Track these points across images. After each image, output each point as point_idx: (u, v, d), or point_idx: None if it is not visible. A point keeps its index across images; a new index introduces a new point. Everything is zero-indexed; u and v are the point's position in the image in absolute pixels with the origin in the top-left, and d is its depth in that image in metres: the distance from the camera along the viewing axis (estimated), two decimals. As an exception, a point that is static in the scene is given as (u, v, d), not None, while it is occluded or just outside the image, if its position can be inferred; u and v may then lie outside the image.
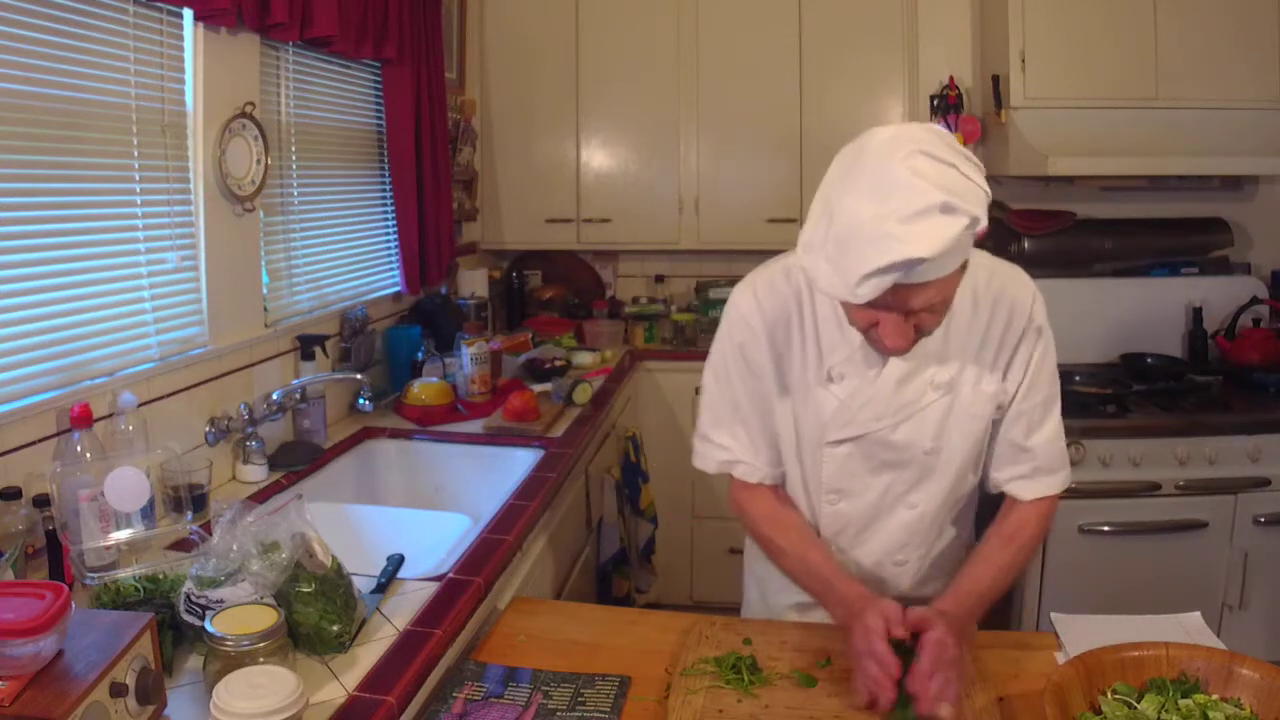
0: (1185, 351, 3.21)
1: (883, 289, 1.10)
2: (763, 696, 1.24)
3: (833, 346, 1.37)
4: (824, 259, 1.13)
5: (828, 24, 3.43)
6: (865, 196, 1.09)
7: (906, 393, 1.35)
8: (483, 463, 2.35)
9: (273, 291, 2.27)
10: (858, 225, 1.08)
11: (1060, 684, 1.08)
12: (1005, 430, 1.42)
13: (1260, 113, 3.00)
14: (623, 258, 3.96)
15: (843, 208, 1.11)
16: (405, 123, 2.76)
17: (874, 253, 1.07)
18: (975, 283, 1.35)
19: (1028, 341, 1.38)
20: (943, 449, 1.39)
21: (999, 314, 1.36)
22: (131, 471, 1.50)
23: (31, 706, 0.92)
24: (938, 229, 1.06)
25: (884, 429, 1.37)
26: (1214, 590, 2.70)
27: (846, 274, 1.10)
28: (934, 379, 1.36)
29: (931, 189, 1.07)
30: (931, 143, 1.11)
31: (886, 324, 1.18)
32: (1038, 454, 1.43)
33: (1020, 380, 1.39)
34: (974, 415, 1.38)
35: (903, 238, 1.05)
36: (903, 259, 1.06)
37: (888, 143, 1.12)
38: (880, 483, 1.42)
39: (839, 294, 1.14)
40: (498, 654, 1.39)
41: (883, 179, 1.09)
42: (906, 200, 1.06)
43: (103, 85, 1.67)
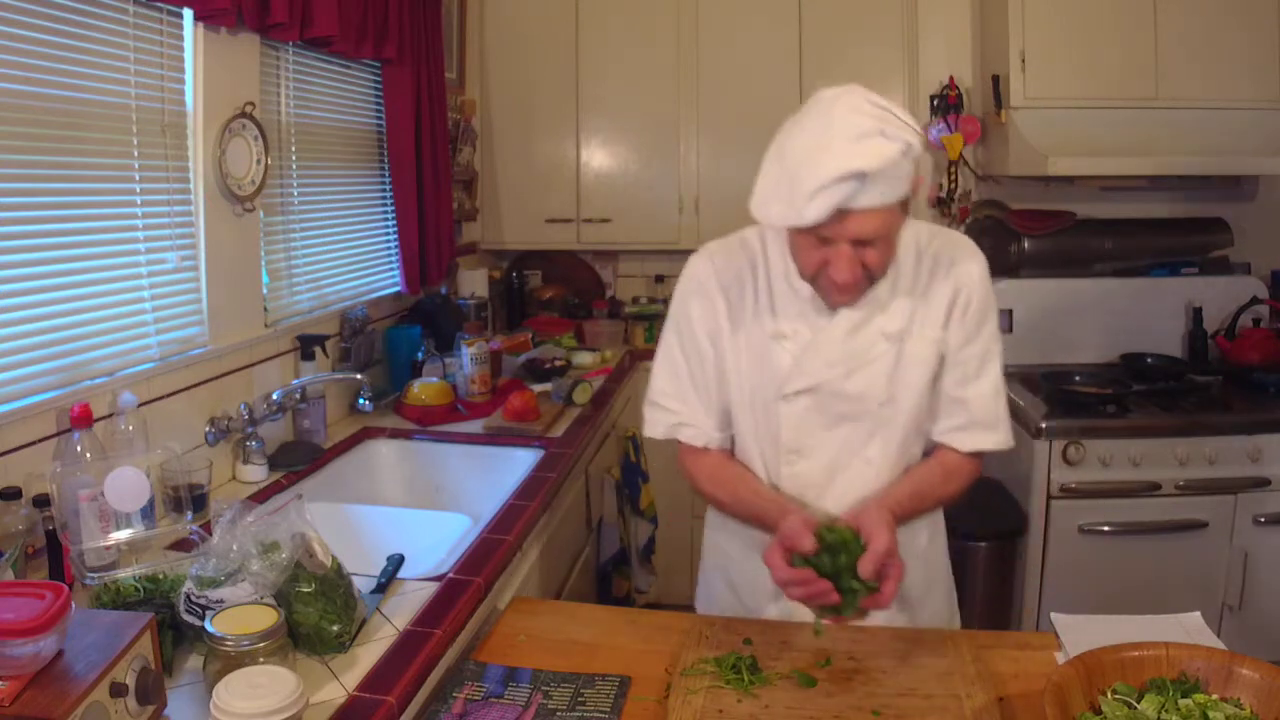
0: (1185, 351, 3.21)
1: (828, 207, 1.20)
2: (763, 696, 1.24)
3: (785, 305, 1.44)
4: (773, 195, 1.26)
5: (828, 24, 3.43)
6: (810, 132, 1.24)
7: (857, 341, 1.41)
8: (483, 463, 2.35)
9: (273, 291, 2.27)
10: (804, 153, 1.22)
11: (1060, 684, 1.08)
12: (942, 381, 1.46)
13: (1260, 113, 3.00)
14: (623, 258, 3.96)
15: (790, 147, 1.25)
16: (405, 123, 2.76)
17: (820, 170, 1.19)
18: (919, 240, 1.44)
19: (965, 293, 1.43)
20: (895, 399, 1.43)
21: (940, 267, 1.43)
22: (131, 471, 1.50)
23: (31, 706, 0.92)
24: (877, 148, 1.19)
25: (836, 377, 1.41)
26: (1214, 590, 2.69)
27: (796, 197, 1.21)
28: (883, 328, 1.41)
29: (870, 120, 1.21)
30: (868, 94, 1.25)
31: (836, 258, 1.28)
32: (973, 406, 1.46)
33: (959, 329, 1.44)
34: (920, 361, 1.43)
35: (846, 154, 1.19)
36: (847, 170, 1.18)
37: (828, 96, 1.27)
38: (836, 438, 1.44)
39: (789, 219, 1.24)
40: (498, 654, 1.39)
41: (826, 118, 1.23)
42: (848, 128, 1.20)
43: (103, 85, 1.67)
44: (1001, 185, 3.46)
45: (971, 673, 1.28)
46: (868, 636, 1.40)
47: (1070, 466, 2.67)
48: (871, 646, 1.36)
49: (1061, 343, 3.23)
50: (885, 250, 1.30)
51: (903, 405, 1.43)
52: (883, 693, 1.24)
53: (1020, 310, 3.24)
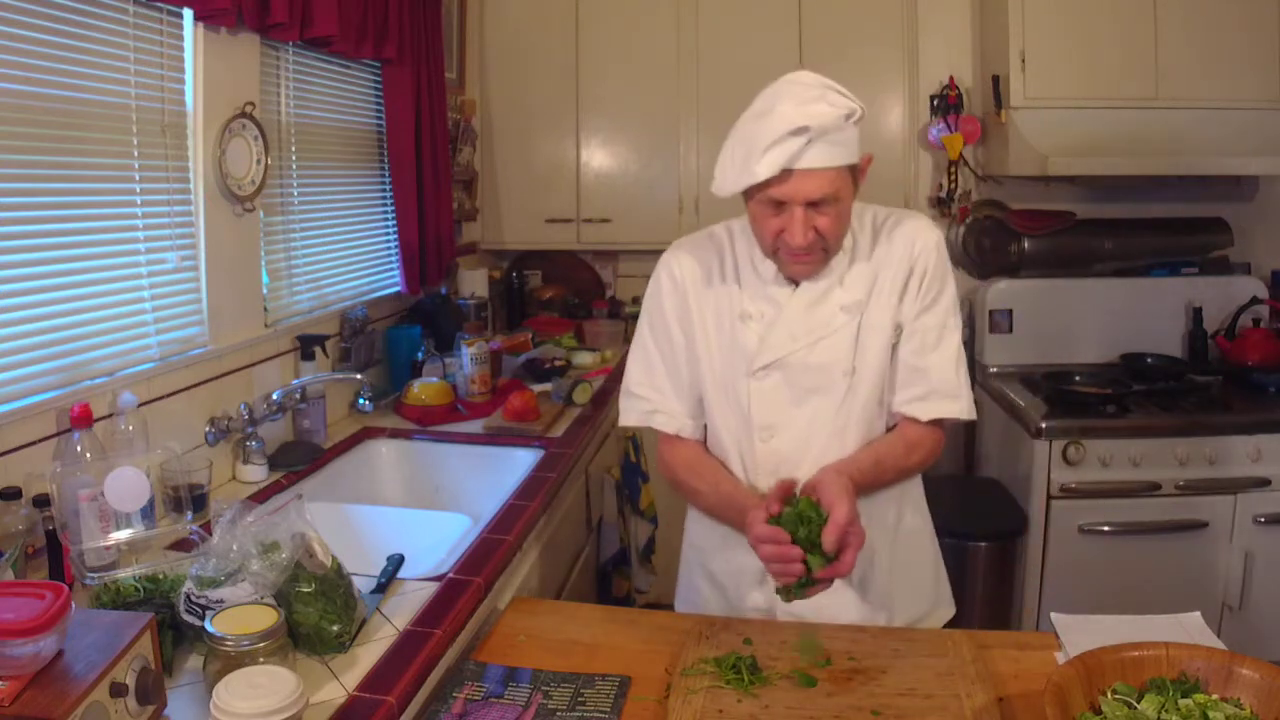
0: (1185, 351, 3.21)
1: (778, 164, 1.29)
2: (763, 696, 1.24)
3: (750, 286, 1.51)
4: (728, 166, 1.36)
5: (828, 24, 3.43)
6: (761, 103, 1.36)
7: (817, 314, 1.47)
8: (483, 463, 2.35)
9: (273, 291, 2.27)
10: (754, 122, 1.34)
11: (1060, 684, 1.08)
12: (900, 350, 1.49)
13: (1260, 113, 3.00)
14: (623, 258, 3.96)
15: (742, 123, 1.37)
16: (405, 123, 2.76)
17: (768, 129, 1.30)
18: (875, 217, 1.52)
19: (921, 264, 1.48)
20: (858, 369, 1.47)
21: (897, 242, 1.49)
22: (131, 471, 1.50)
23: (31, 706, 0.92)
24: (821, 111, 1.30)
25: (800, 350, 1.46)
26: (1214, 590, 2.70)
27: (748, 159, 1.31)
28: (841, 301, 1.47)
29: (814, 90, 1.34)
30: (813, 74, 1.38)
31: (790, 222, 1.35)
32: (932, 375, 1.48)
33: (913, 300, 1.48)
34: (877, 330, 1.47)
35: (791, 115, 1.30)
36: (793, 125, 1.28)
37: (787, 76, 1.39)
38: (806, 413, 1.48)
39: (741, 181, 1.33)
40: (498, 654, 1.39)
41: (773, 92, 1.36)
42: (793, 97, 1.33)
43: (103, 85, 1.67)
44: (1001, 185, 3.46)
45: (971, 673, 1.28)
46: (868, 636, 1.40)
47: (1070, 466, 2.67)
48: (871, 646, 1.36)
49: (1061, 343, 3.24)
50: (837, 217, 1.37)
51: (865, 375, 1.47)
52: (883, 693, 1.24)
53: (1020, 310, 3.25)
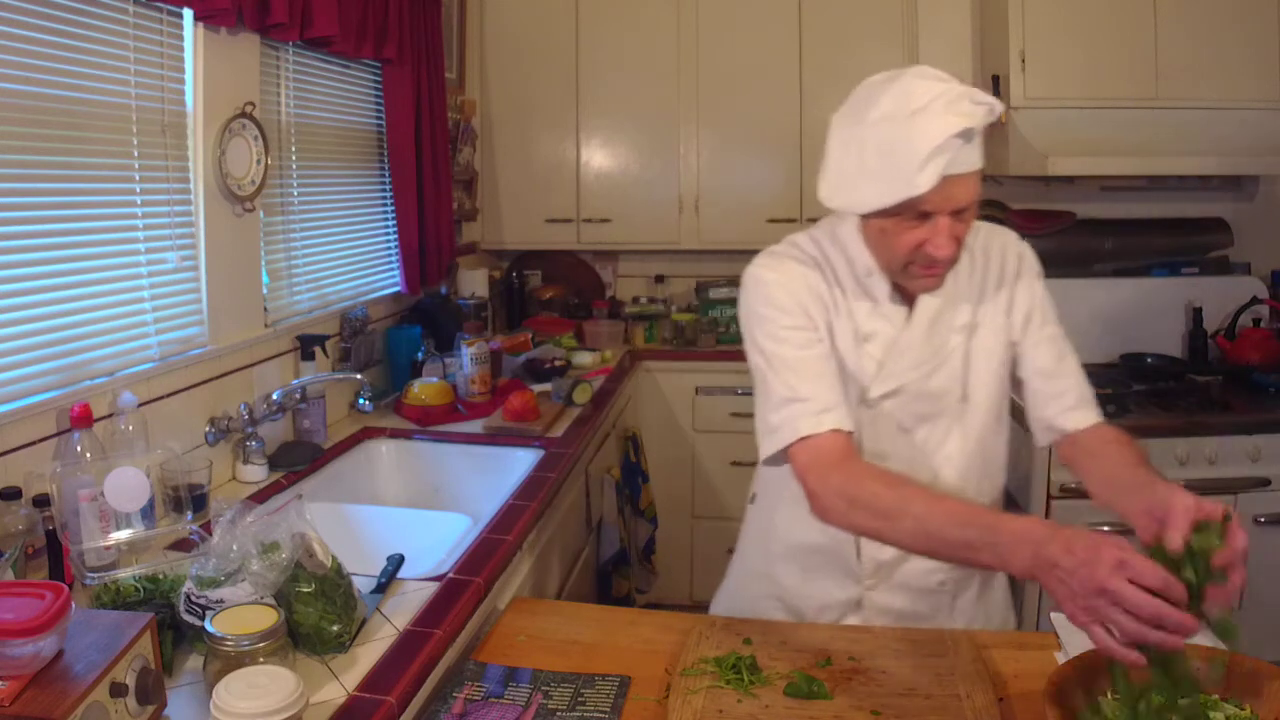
0: (1185, 351, 3.21)
1: (940, 172, 1.17)
2: (763, 696, 1.24)
3: (858, 307, 1.40)
4: (866, 181, 1.22)
5: (828, 24, 3.43)
6: (893, 105, 1.20)
7: (935, 338, 1.38)
8: (482, 463, 2.35)
9: (273, 291, 2.27)
10: (898, 125, 1.19)
11: (1060, 684, 1.08)
12: (1032, 362, 1.43)
13: (1260, 113, 3.00)
14: (623, 258, 3.96)
15: (871, 126, 1.22)
16: (405, 123, 2.76)
17: (927, 135, 1.16)
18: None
19: (1025, 277, 1.44)
20: (969, 394, 1.41)
21: (992, 257, 1.43)
22: (131, 471, 1.50)
23: (31, 706, 0.92)
24: (973, 110, 1.18)
25: (920, 377, 1.38)
26: (1214, 590, 2.69)
27: (902, 169, 1.18)
28: (954, 322, 1.39)
29: (952, 85, 1.20)
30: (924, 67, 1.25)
31: (935, 232, 1.24)
32: (1074, 383, 1.42)
33: (1027, 312, 1.43)
34: (989, 352, 1.41)
35: (948, 116, 1.17)
36: (956, 129, 1.16)
37: (887, 75, 1.25)
38: (916, 440, 1.42)
39: (899, 193, 1.19)
40: (498, 654, 1.39)
41: (903, 89, 1.21)
42: (937, 93, 1.19)
43: (103, 85, 1.67)
44: (1001, 185, 3.46)
45: (971, 673, 1.28)
46: (868, 636, 1.40)
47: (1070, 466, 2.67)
48: (871, 646, 1.36)
49: (1061, 343, 3.23)
50: (970, 220, 1.29)
51: (978, 399, 1.41)
52: (883, 693, 1.24)
53: (1020, 310, 3.24)
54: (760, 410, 1.37)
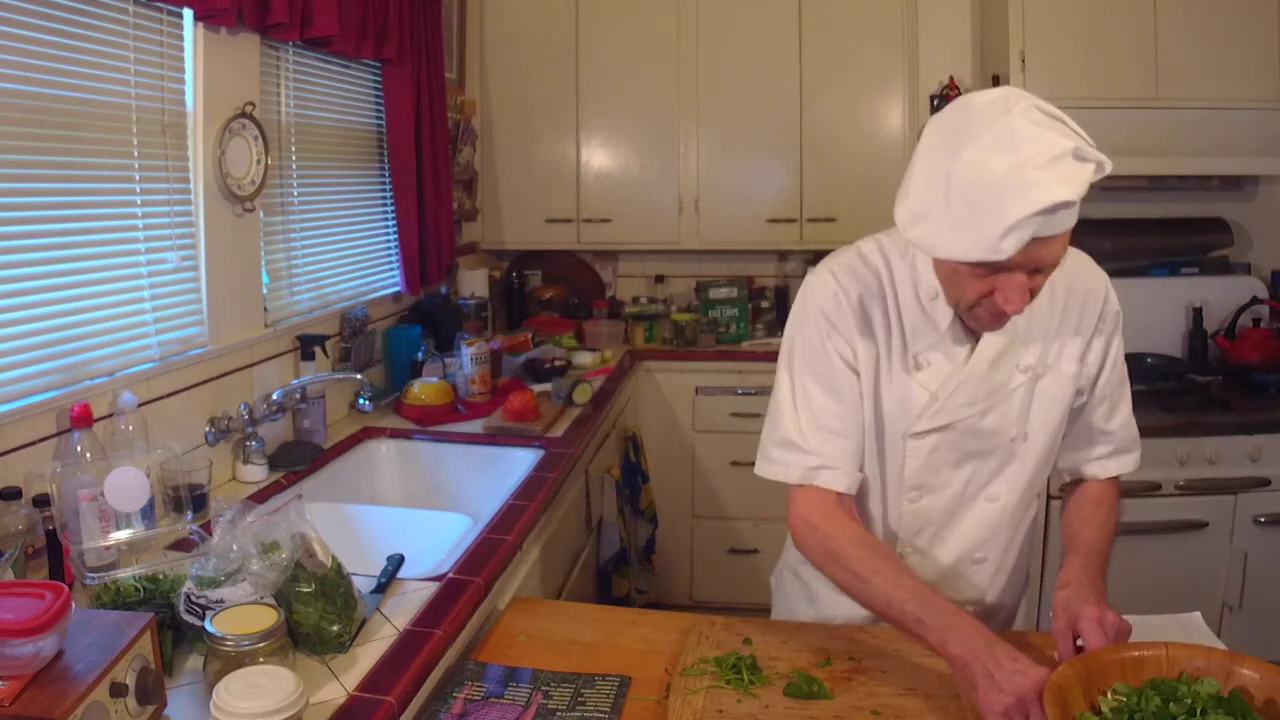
0: (1185, 351, 3.21)
1: (1027, 238, 1.07)
2: (763, 696, 1.24)
3: (917, 332, 1.33)
4: (946, 226, 1.12)
5: (827, 24, 3.43)
6: (990, 150, 1.08)
7: (996, 377, 1.32)
8: (482, 463, 2.35)
9: (273, 291, 2.27)
10: (991, 178, 1.07)
11: (1060, 684, 1.08)
12: (1088, 414, 1.41)
13: (1260, 113, 3.00)
14: (623, 258, 3.96)
15: (963, 166, 1.09)
16: (405, 123, 2.76)
17: (1017, 202, 1.05)
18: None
19: (1106, 324, 1.39)
20: (1027, 435, 1.36)
21: (1075, 295, 1.36)
22: (131, 471, 1.50)
23: (31, 706, 0.92)
24: (1075, 173, 1.07)
25: (974, 416, 1.33)
26: (1214, 590, 2.70)
27: (985, 230, 1.08)
28: (1019, 361, 1.33)
29: (1060, 137, 1.08)
30: (1038, 100, 1.12)
31: (1008, 286, 1.16)
32: (1117, 435, 1.43)
33: (1101, 363, 1.39)
34: (1054, 397, 1.36)
35: (1044, 184, 1.05)
36: (1050, 203, 1.05)
37: (996, 101, 1.12)
38: (962, 475, 1.37)
39: (980, 255, 1.10)
40: (498, 654, 1.39)
41: (1005, 132, 1.08)
42: (1039, 148, 1.06)
43: (103, 85, 1.67)
44: (1001, 185, 3.45)
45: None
46: (868, 636, 1.40)
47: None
48: (871, 646, 1.36)
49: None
50: (1050, 273, 1.19)
51: (1036, 441, 1.37)
52: (883, 693, 1.24)
53: (1020, 310, 3.24)
54: (768, 427, 1.39)
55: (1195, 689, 1.07)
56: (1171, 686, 1.08)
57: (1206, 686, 1.08)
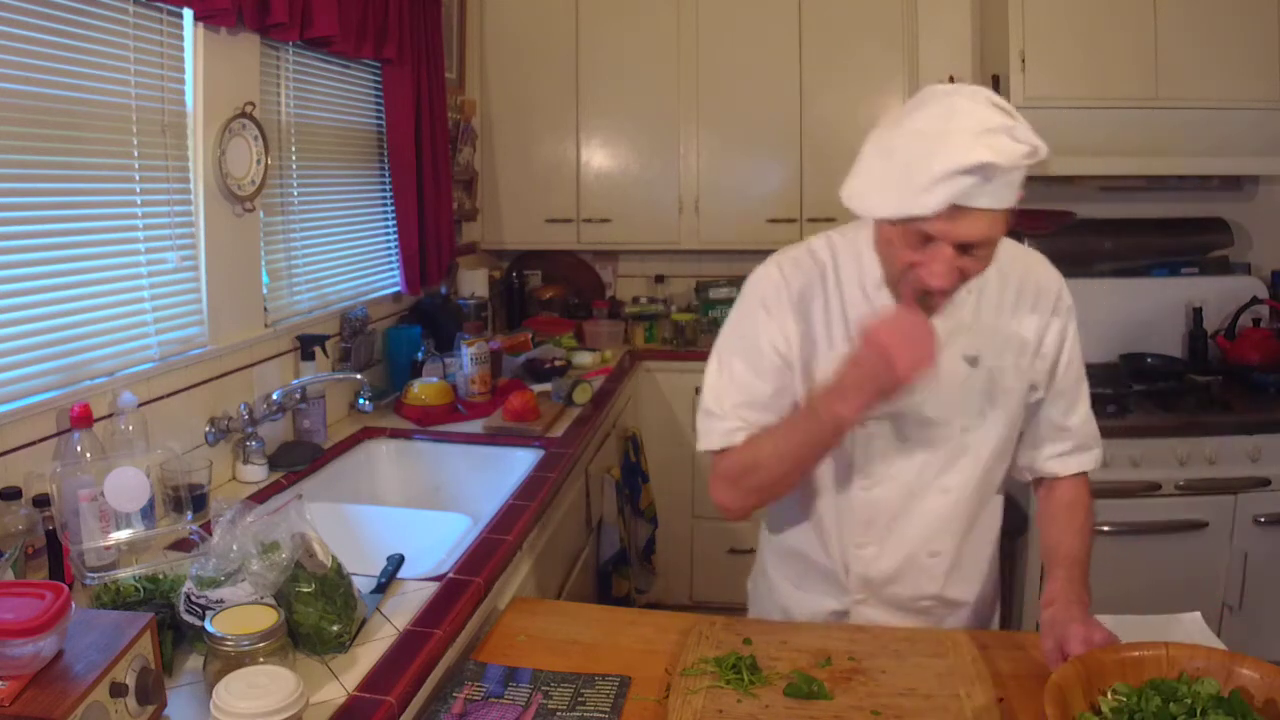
0: (1185, 351, 3.20)
1: (947, 198, 1.12)
2: (763, 696, 1.24)
3: (860, 322, 1.34)
4: (879, 185, 1.18)
5: (827, 24, 3.43)
6: (930, 121, 1.16)
7: (940, 365, 1.31)
8: (482, 463, 2.35)
9: (273, 291, 2.27)
10: (925, 141, 1.14)
11: (1060, 684, 1.08)
12: (1046, 410, 1.42)
13: (1260, 113, 3.00)
14: (623, 258, 3.96)
15: (902, 138, 1.17)
16: (405, 123, 2.76)
17: (946, 156, 1.11)
18: (1001, 259, 1.34)
19: (1059, 319, 1.39)
20: (976, 425, 1.37)
21: (1027, 290, 1.38)
22: (131, 471, 1.50)
23: (31, 706, 0.92)
24: (1004, 144, 1.11)
25: (915, 403, 1.34)
26: (1214, 590, 2.69)
27: (913, 185, 1.13)
28: (964, 351, 1.35)
29: (997, 115, 1.14)
30: (988, 91, 1.19)
31: (933, 260, 1.19)
32: (1076, 432, 1.44)
33: (1056, 358, 1.40)
34: (1006, 390, 1.37)
35: (970, 145, 1.11)
36: (976, 162, 1.10)
37: (945, 88, 1.20)
38: (913, 466, 1.39)
39: (903, 208, 1.16)
40: (498, 654, 1.39)
41: (947, 108, 1.16)
42: (976, 120, 1.13)
43: (103, 85, 1.67)
44: (1001, 185, 3.45)
45: (971, 673, 1.28)
46: (868, 637, 1.40)
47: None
48: (871, 646, 1.36)
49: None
50: (984, 259, 1.22)
51: (987, 433, 1.38)
52: (883, 693, 1.24)
53: (1020, 310, 3.24)
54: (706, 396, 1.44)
55: (1195, 689, 1.07)
56: (1171, 686, 1.08)
57: (1206, 686, 1.08)
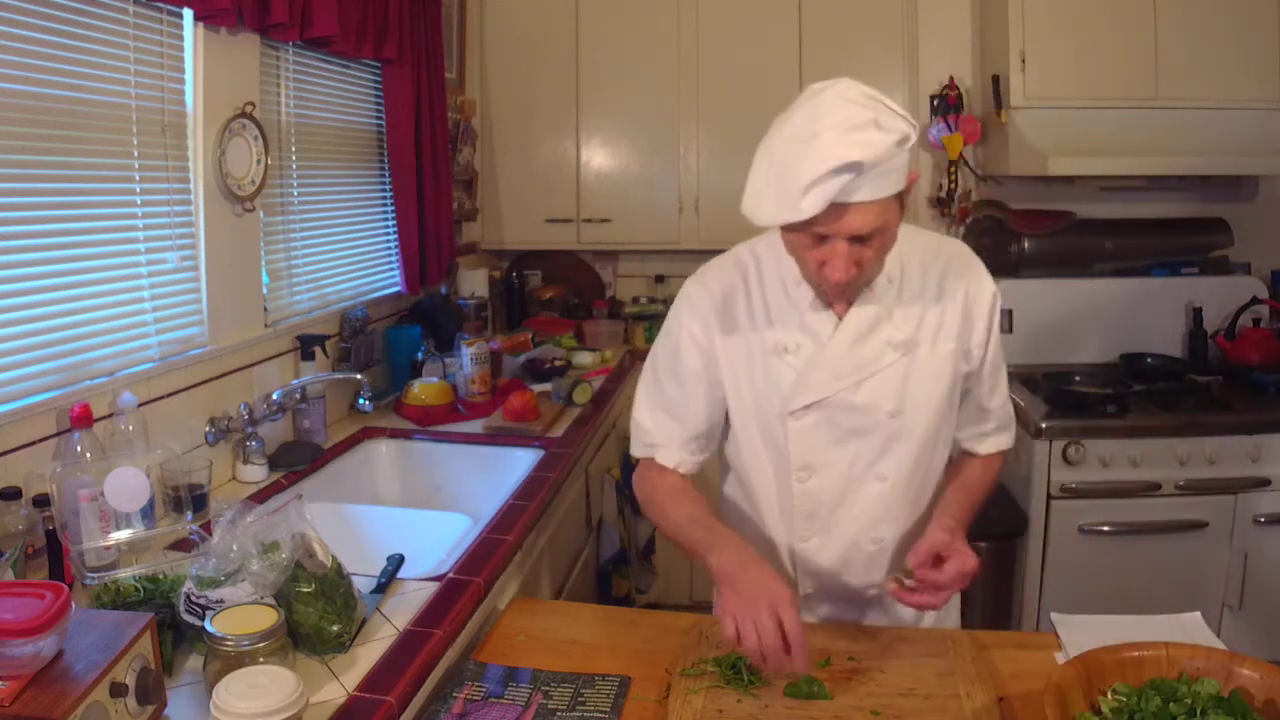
0: (1185, 351, 3.21)
1: (824, 201, 1.15)
2: (763, 696, 1.24)
3: (783, 317, 1.41)
4: (761, 194, 1.21)
5: (828, 24, 3.43)
6: (798, 125, 1.19)
7: (863, 352, 1.37)
8: (482, 463, 2.35)
9: (273, 291, 2.27)
10: (795, 148, 1.17)
11: (1060, 684, 1.08)
12: (972, 395, 1.48)
13: (1260, 113, 3.00)
14: (623, 258, 3.96)
15: (779, 143, 1.21)
16: (405, 123, 2.76)
17: (814, 162, 1.15)
18: (922, 247, 1.42)
19: (983, 305, 1.42)
20: (906, 411, 1.39)
21: (950, 276, 1.41)
22: (131, 471, 1.50)
23: (31, 706, 0.92)
24: (872, 140, 1.15)
25: (844, 390, 1.37)
26: (1214, 590, 2.69)
27: (789, 193, 1.17)
28: (891, 338, 1.38)
29: (862, 110, 1.17)
30: (858, 85, 1.22)
31: (832, 254, 1.23)
32: (997, 414, 1.50)
33: (985, 344, 1.43)
34: (934, 376, 1.40)
35: (839, 145, 1.14)
36: (842, 162, 1.13)
37: (817, 88, 1.23)
38: (847, 453, 1.41)
39: (783, 215, 1.19)
40: (498, 654, 1.39)
41: (815, 109, 1.19)
42: (840, 119, 1.16)
43: (103, 85, 1.67)
44: (1001, 185, 3.46)
45: (971, 673, 1.28)
46: (868, 636, 1.40)
47: (1070, 466, 2.67)
48: (871, 646, 1.36)
49: (1061, 343, 3.23)
50: (882, 245, 1.26)
51: (918, 419, 1.40)
52: (883, 693, 1.24)
53: (1020, 310, 3.24)
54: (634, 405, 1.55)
55: (1195, 689, 1.07)
56: (1171, 686, 1.08)
57: (1206, 686, 1.08)
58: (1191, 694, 1.06)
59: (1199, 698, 1.06)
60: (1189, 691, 1.07)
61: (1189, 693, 1.07)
